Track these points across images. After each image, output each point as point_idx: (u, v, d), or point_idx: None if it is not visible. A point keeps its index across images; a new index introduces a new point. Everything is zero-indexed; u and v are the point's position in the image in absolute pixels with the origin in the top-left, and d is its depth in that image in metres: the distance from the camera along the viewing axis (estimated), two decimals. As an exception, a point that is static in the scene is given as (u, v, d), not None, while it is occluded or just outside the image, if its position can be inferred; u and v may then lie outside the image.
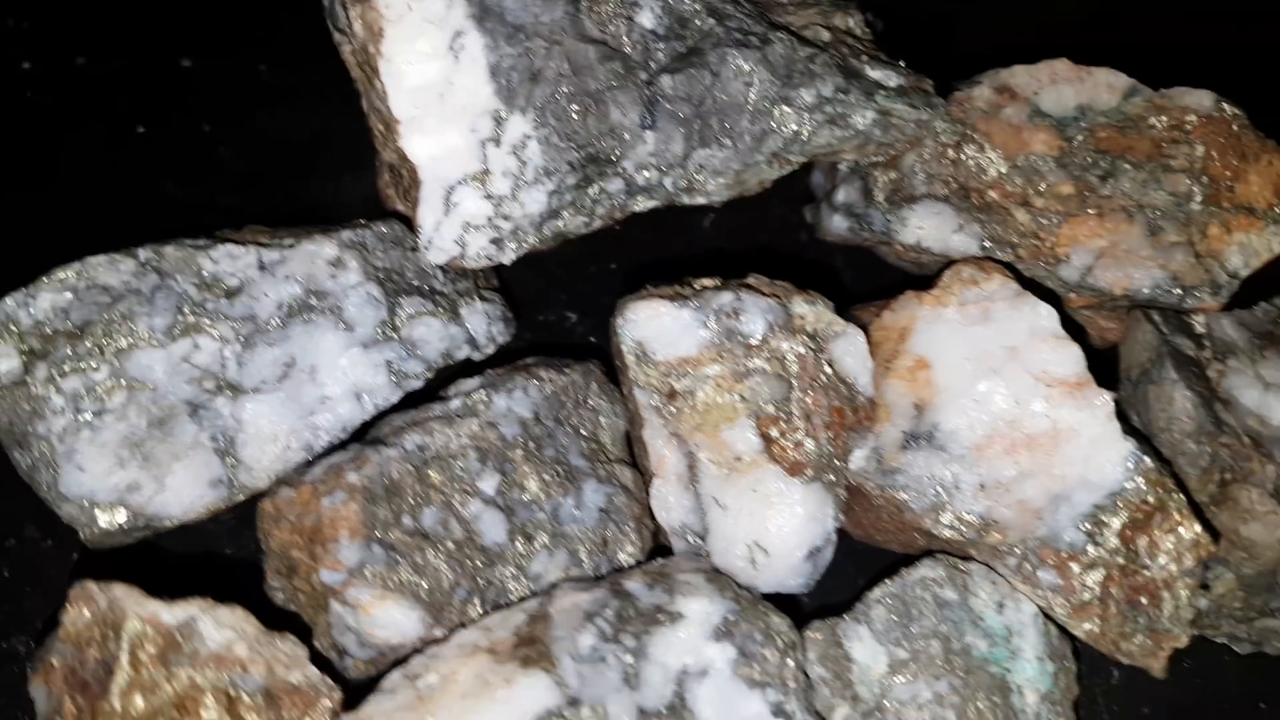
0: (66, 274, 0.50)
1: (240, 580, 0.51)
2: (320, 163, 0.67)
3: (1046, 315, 0.51)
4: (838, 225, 0.58)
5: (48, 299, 0.49)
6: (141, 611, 0.38)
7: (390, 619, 0.44)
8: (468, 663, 0.43)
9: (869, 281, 0.63)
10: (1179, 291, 0.55)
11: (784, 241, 0.67)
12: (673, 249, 0.68)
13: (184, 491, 0.50)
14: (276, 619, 0.44)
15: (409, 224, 0.56)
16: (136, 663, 0.38)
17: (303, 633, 0.45)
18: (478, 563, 0.48)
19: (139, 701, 0.38)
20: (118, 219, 0.65)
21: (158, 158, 0.67)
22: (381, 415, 0.53)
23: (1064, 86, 0.57)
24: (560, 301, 0.66)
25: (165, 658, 0.38)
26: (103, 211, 0.65)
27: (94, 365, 0.49)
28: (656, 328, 0.50)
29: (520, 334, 0.62)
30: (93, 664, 0.39)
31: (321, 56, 0.61)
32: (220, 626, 0.39)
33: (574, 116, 0.50)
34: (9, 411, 0.48)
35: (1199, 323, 0.55)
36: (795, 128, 0.50)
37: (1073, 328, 0.52)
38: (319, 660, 0.45)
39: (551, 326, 0.66)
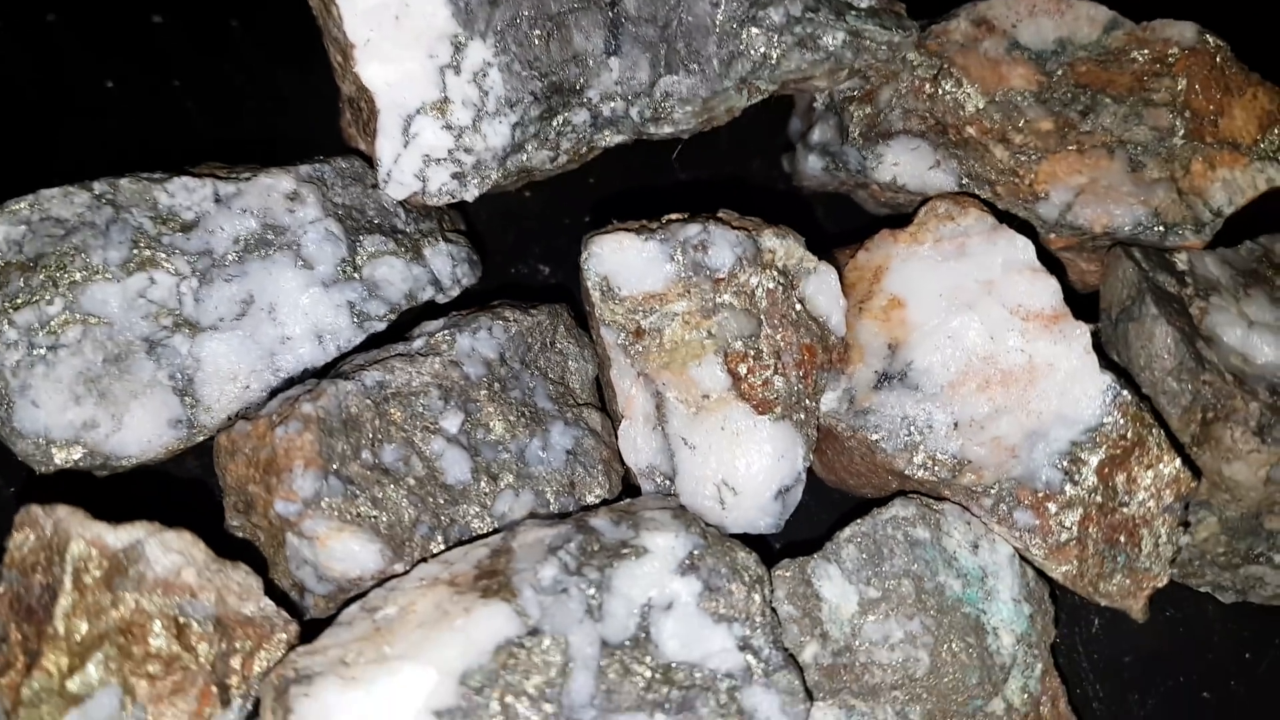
0: (20, 205, 0.49)
1: (199, 518, 0.50)
2: (290, 117, 0.66)
3: (1023, 247, 0.50)
4: (813, 166, 0.57)
5: (0, 230, 0.48)
6: (85, 533, 0.37)
7: (348, 551, 0.43)
8: (427, 594, 0.42)
9: (846, 228, 0.62)
10: (1161, 229, 0.54)
11: (762, 194, 0.66)
12: (643, 200, 0.66)
13: (142, 430, 0.49)
14: (236, 553, 0.43)
15: (369, 161, 0.55)
16: (81, 586, 0.37)
17: (260, 567, 0.44)
18: (440, 500, 0.47)
19: (84, 625, 0.37)
20: (86, 169, 0.65)
21: (127, 113, 0.66)
22: (343, 357, 0.52)
23: (1043, 19, 0.56)
24: (532, 253, 0.65)
25: (110, 581, 0.37)
26: (71, 162, 0.64)
27: (48, 298, 0.48)
28: (621, 261, 0.49)
29: (491, 283, 0.61)
30: (38, 590, 0.38)
31: (291, 11, 0.59)
32: (167, 550, 0.38)
33: (536, 42, 0.49)
34: (-41, 344, 0.47)
35: (1181, 260, 0.54)
36: (764, 50, 0.49)
37: (1050, 261, 0.51)
38: (277, 597, 0.44)
39: (524, 279, 0.65)
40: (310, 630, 0.43)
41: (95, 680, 0.37)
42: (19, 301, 0.48)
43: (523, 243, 0.65)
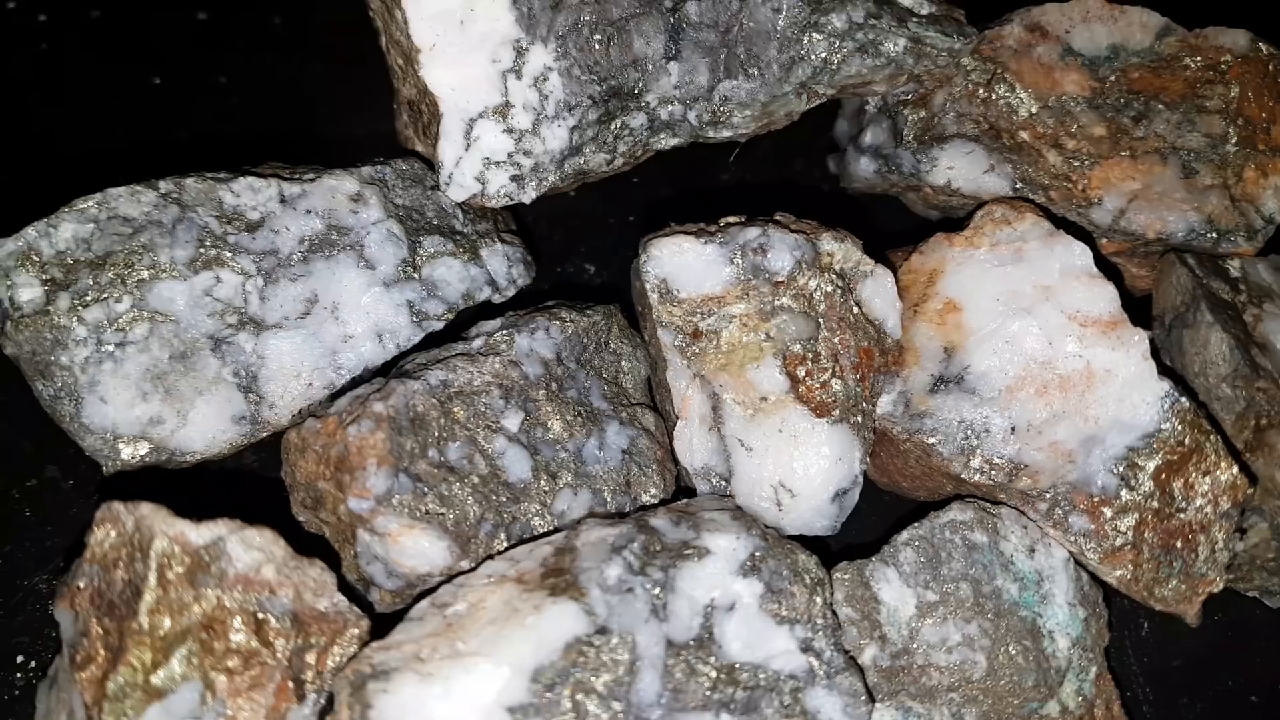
0: (88, 204, 0.49)
1: (265, 516, 0.51)
2: (334, 111, 0.67)
3: (1080, 254, 0.50)
4: (865, 168, 0.57)
5: (69, 229, 0.49)
6: (169, 530, 0.38)
7: (418, 548, 0.44)
8: (496, 591, 0.43)
9: (895, 230, 0.62)
10: (1214, 235, 0.54)
11: (808, 195, 0.66)
12: (692, 202, 0.67)
13: (206, 426, 0.49)
14: (306, 547, 0.44)
15: (428, 163, 0.55)
16: (164, 582, 0.38)
17: (331, 562, 0.44)
18: (503, 498, 0.48)
19: (167, 622, 0.38)
20: (134, 170, 0.65)
21: (173, 109, 0.67)
22: (402, 355, 0.53)
23: (1096, 25, 0.56)
24: (579, 254, 0.66)
25: (193, 577, 0.38)
26: (119, 163, 0.65)
27: (116, 296, 0.49)
28: (680, 264, 0.49)
29: (540, 284, 0.61)
30: (120, 585, 0.39)
31: (333, 6, 0.60)
32: (249, 548, 0.39)
33: (596, 47, 0.50)
34: (32, 341, 0.48)
35: (1234, 267, 0.54)
36: (825, 55, 0.49)
37: (1107, 267, 0.51)
38: (346, 591, 0.45)
39: (570, 279, 0.65)
40: (380, 625, 0.43)
41: (178, 675, 0.38)
42: (88, 299, 0.48)
43: (570, 243, 0.66)
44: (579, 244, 0.66)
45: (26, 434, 0.56)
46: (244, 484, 0.55)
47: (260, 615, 0.39)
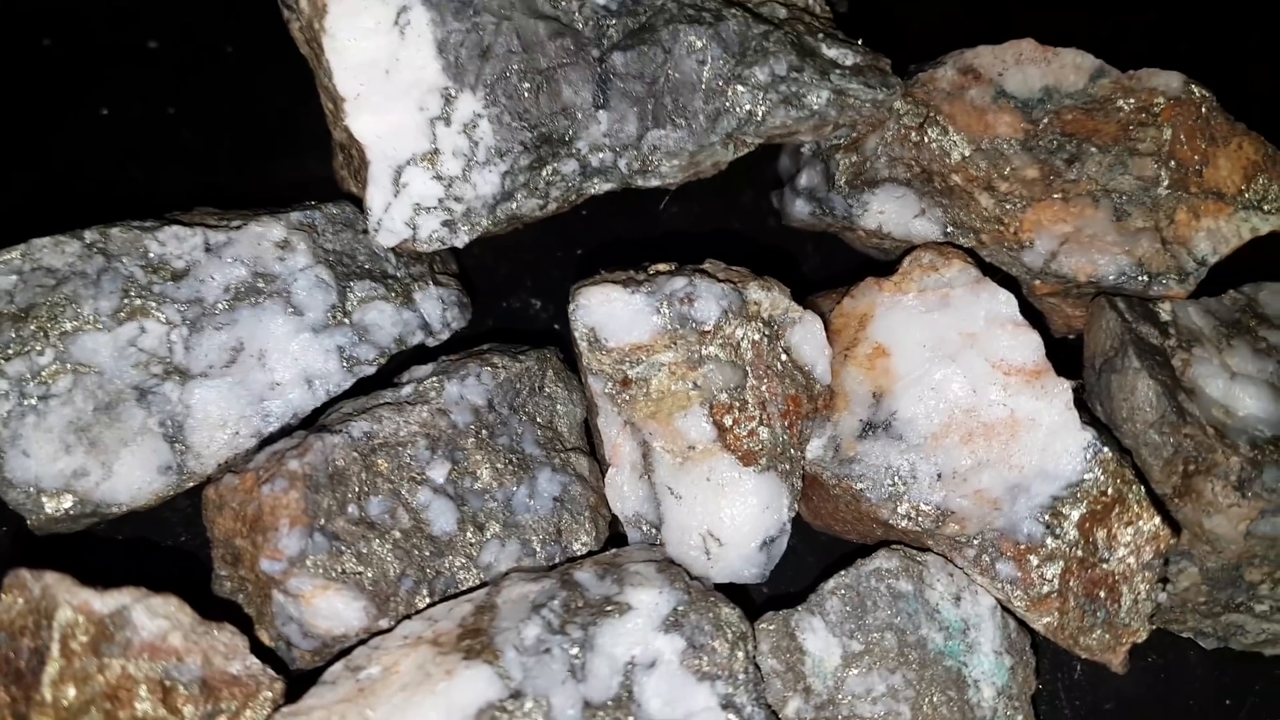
0: (11, 256, 0.49)
1: (189, 570, 0.50)
2: (284, 144, 0.66)
3: (1005, 301, 0.50)
4: (800, 210, 0.57)
5: (-12, 283, 0.48)
6: (73, 600, 0.38)
7: (332, 609, 0.44)
8: (410, 654, 0.42)
9: (835, 267, 0.62)
10: (1145, 278, 0.54)
11: (752, 228, 0.66)
12: (637, 234, 0.67)
13: (132, 478, 0.49)
14: (222, 610, 0.43)
15: (360, 206, 0.55)
16: (69, 652, 0.38)
17: (246, 623, 0.44)
18: (426, 552, 0.47)
19: (71, 691, 0.38)
20: (79, 201, 0.65)
21: (121, 140, 0.66)
22: (333, 401, 0.53)
23: (1030, 67, 0.56)
24: (524, 288, 0.65)
25: (97, 647, 0.38)
26: (65, 194, 0.64)
27: (39, 348, 0.48)
28: (608, 313, 0.49)
29: (482, 320, 0.61)
30: (26, 653, 0.38)
31: (287, 36, 0.60)
32: (154, 616, 0.38)
33: (525, 95, 0.50)
34: (-50, 396, 0.47)
35: (1165, 310, 0.54)
36: (749, 107, 0.49)
37: (1033, 315, 0.52)
38: (263, 651, 0.45)
39: (515, 313, 0.65)
40: (296, 685, 0.43)
41: (82, 744, 0.37)
42: (10, 352, 0.48)
43: (515, 278, 0.65)
44: (524, 278, 0.66)
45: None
46: (175, 530, 0.55)
47: (167, 683, 0.38)
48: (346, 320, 0.53)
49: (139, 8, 0.69)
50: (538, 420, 0.53)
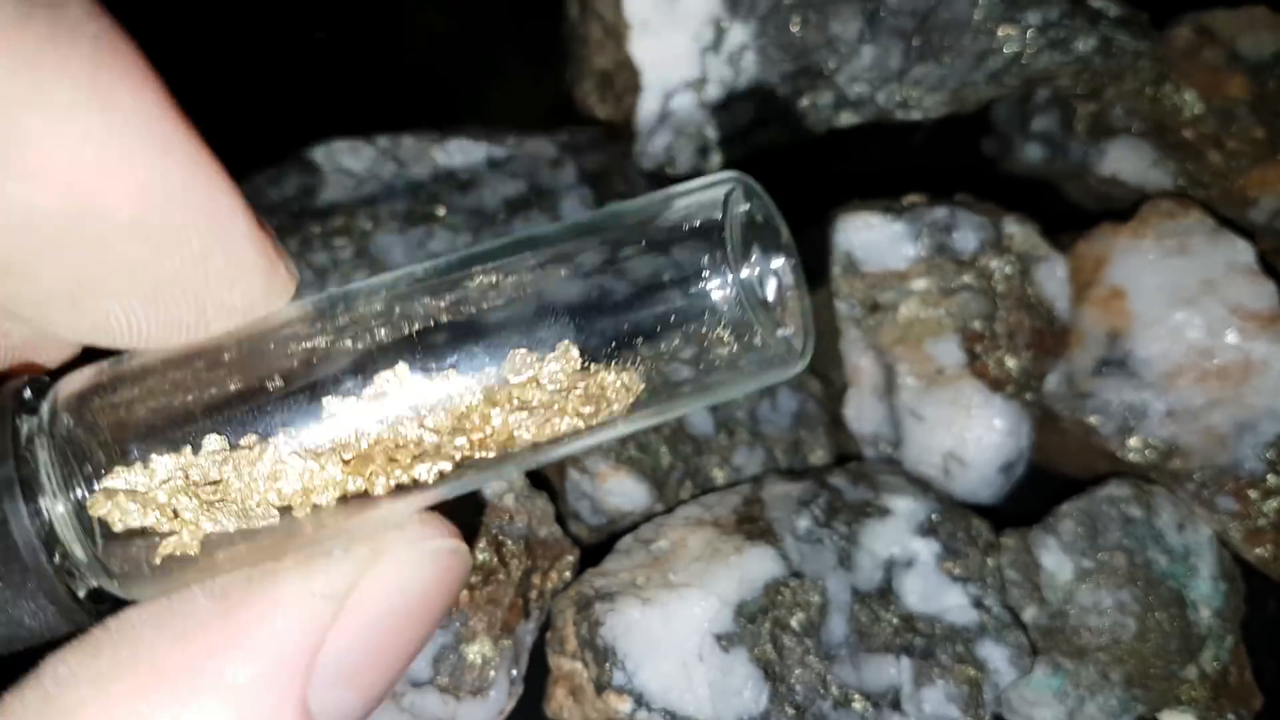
0: (313, 156, 0.53)
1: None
2: (502, 70, 0.69)
3: (1244, 250, 0.53)
4: (1031, 154, 0.60)
5: (295, 179, 0.52)
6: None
7: (623, 488, 0.48)
8: (695, 532, 0.46)
9: (1046, 219, 0.65)
10: (1368, 240, 0.56)
11: (958, 180, 0.68)
12: (843, 184, 0.69)
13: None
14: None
15: (614, 130, 0.59)
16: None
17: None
18: (688, 449, 0.51)
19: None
20: (308, 125, 0.68)
21: (337, 65, 0.69)
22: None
23: (1262, 33, 0.58)
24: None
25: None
26: (288, 116, 0.68)
27: (340, 244, 0.52)
28: (867, 239, 0.52)
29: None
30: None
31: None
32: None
33: (794, 28, 0.52)
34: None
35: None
36: (1018, 49, 0.52)
37: (1266, 265, 0.54)
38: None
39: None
40: (584, 557, 0.47)
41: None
42: (316, 245, 0.52)
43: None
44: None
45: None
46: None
47: (500, 538, 0.42)
48: (602, 238, 0.56)
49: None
50: (772, 342, 0.56)
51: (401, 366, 0.22)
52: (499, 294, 0.23)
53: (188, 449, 0.21)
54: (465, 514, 0.43)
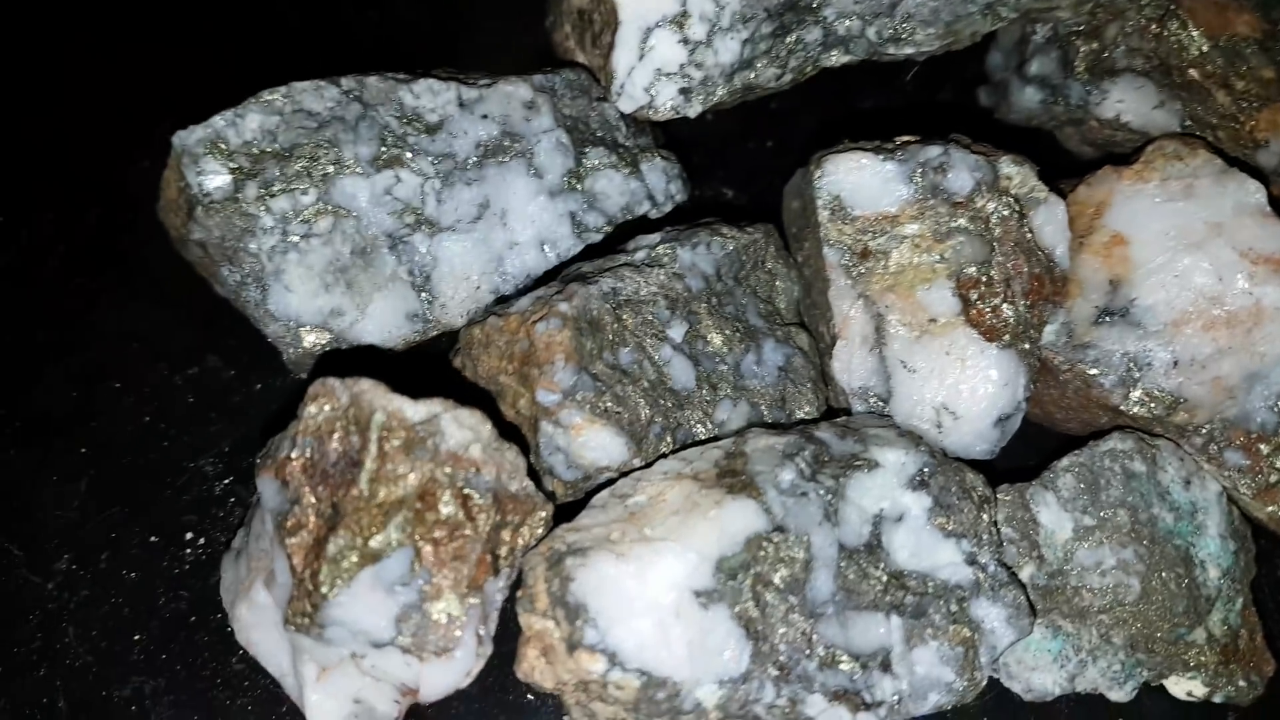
0: (274, 97, 0.50)
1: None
2: (484, 16, 0.66)
3: (1255, 190, 0.50)
4: (1029, 99, 0.57)
5: (255, 120, 0.50)
6: (388, 405, 0.39)
7: (600, 442, 0.45)
8: (674, 486, 0.44)
9: (1044, 166, 0.62)
10: (1384, 182, 0.54)
11: (954, 125, 0.66)
12: (831, 130, 0.67)
13: (383, 321, 0.51)
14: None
15: (593, 74, 0.56)
16: (384, 454, 0.39)
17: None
18: (669, 403, 0.49)
19: (383, 491, 0.39)
20: (274, 75, 0.66)
21: (307, 13, 0.66)
22: (561, 266, 0.54)
23: (1275, -33, 0.55)
24: (717, 177, 0.66)
25: (409, 451, 0.39)
26: (277, 58, 0.65)
27: (302, 188, 0.50)
28: (857, 180, 0.50)
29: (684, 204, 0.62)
30: (334, 456, 0.40)
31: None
32: (460, 426, 0.40)
33: (782, -40, 0.50)
34: (222, 226, 0.49)
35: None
36: (1016, -22, 0.49)
37: (1275, 208, 0.51)
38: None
39: (710, 201, 0.65)
40: (558, 513, 0.45)
41: (394, 541, 0.39)
42: (275, 189, 0.50)
43: (709, 167, 0.66)
44: (716, 168, 0.66)
45: (188, 326, 0.58)
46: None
47: (466, 491, 0.40)
48: (579, 186, 0.54)
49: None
50: (759, 294, 0.54)
51: None
52: None
53: None
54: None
